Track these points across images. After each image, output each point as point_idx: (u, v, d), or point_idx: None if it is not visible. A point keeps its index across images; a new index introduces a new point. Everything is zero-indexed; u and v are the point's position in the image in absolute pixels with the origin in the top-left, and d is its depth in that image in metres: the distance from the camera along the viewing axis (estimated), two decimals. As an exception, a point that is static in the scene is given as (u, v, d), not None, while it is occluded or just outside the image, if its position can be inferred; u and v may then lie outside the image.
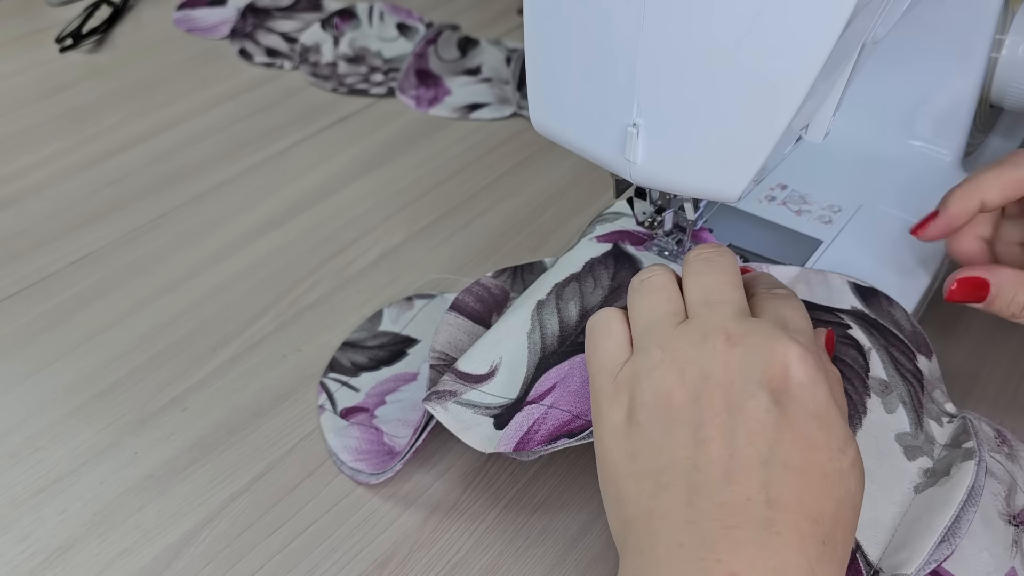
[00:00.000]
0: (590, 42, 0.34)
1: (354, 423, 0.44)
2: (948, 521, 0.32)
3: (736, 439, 0.29)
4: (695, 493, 0.28)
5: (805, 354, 0.30)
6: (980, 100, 0.49)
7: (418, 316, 0.51)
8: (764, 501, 0.27)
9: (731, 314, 0.31)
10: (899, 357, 0.38)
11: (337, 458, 0.43)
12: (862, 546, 0.33)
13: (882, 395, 0.36)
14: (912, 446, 0.36)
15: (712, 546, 0.27)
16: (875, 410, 0.36)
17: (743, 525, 0.27)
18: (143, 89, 0.78)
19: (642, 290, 0.34)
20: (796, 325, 0.32)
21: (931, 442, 0.36)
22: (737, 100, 0.31)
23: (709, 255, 0.34)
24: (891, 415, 0.36)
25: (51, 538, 0.40)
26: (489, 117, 0.71)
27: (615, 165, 0.36)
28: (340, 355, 0.49)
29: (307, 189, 0.64)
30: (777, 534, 0.27)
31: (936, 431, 0.37)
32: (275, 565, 0.39)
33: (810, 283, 0.41)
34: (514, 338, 0.40)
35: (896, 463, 0.35)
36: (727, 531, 0.27)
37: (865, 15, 0.31)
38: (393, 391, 0.46)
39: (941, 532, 0.32)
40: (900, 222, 0.46)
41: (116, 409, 0.47)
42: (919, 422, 0.37)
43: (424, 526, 0.40)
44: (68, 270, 0.57)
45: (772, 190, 0.48)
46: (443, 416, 0.38)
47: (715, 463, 0.28)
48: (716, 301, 0.32)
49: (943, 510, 0.32)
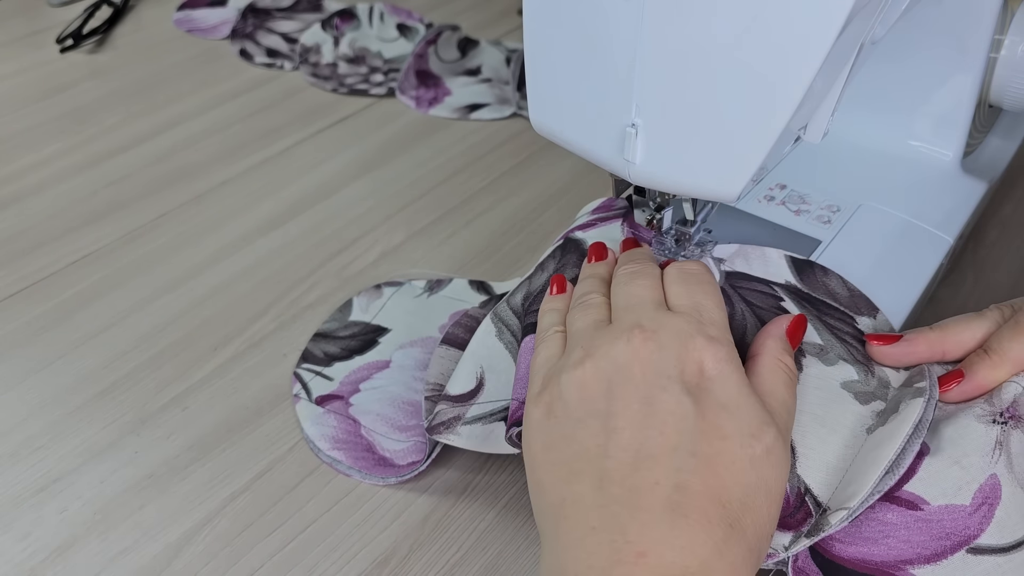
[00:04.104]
0: (589, 43, 0.34)
1: (330, 411, 0.45)
2: (892, 455, 0.32)
3: (646, 429, 0.30)
4: (605, 479, 0.29)
5: (716, 346, 0.32)
6: (979, 100, 0.49)
7: (387, 304, 0.52)
8: (672, 486, 0.29)
9: (647, 312, 0.33)
10: (834, 324, 0.39)
11: (314, 445, 0.44)
12: (811, 489, 0.33)
13: (819, 355, 0.37)
14: (863, 392, 0.36)
15: (622, 528, 0.28)
16: (812, 365, 0.36)
17: (651, 508, 0.28)
18: (143, 89, 0.78)
19: (577, 306, 0.36)
20: (710, 316, 0.33)
21: (885, 386, 0.37)
22: (736, 100, 0.32)
23: (634, 270, 0.36)
24: (831, 367, 0.37)
25: (51, 537, 0.41)
26: (489, 117, 0.72)
27: (614, 165, 0.36)
28: (312, 346, 0.49)
29: (307, 189, 0.64)
30: (684, 516, 0.28)
31: (892, 376, 0.37)
32: (275, 564, 0.39)
33: (748, 257, 0.42)
34: (485, 345, 0.41)
35: (848, 407, 0.35)
36: (636, 514, 0.28)
37: (864, 15, 0.31)
38: (366, 379, 0.47)
39: (886, 465, 0.32)
40: (899, 222, 0.46)
41: (116, 408, 0.47)
42: (869, 371, 0.37)
43: (424, 525, 0.40)
44: (68, 270, 0.57)
45: (771, 190, 0.48)
46: (458, 441, 0.39)
47: (625, 451, 0.30)
48: (635, 304, 0.34)
49: (888, 444, 0.33)
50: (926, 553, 0.31)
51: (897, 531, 0.32)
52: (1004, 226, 0.57)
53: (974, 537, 0.31)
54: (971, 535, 0.31)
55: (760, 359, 0.34)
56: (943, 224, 0.47)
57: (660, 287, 0.36)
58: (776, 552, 0.32)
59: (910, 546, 0.31)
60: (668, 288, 0.35)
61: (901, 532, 0.32)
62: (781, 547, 0.32)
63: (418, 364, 0.47)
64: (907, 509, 0.32)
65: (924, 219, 0.47)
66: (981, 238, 0.55)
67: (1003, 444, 0.33)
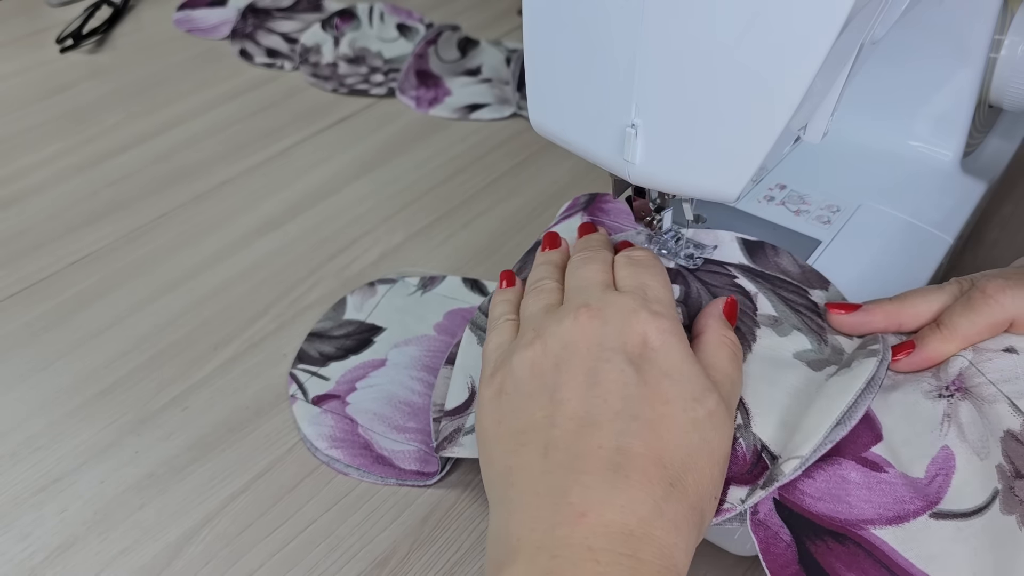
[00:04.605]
0: (589, 43, 0.34)
1: (327, 410, 0.45)
2: (844, 407, 0.33)
3: (591, 398, 0.31)
4: (551, 447, 0.30)
5: (659, 320, 0.33)
6: (979, 100, 0.49)
7: (381, 303, 0.52)
8: (614, 449, 0.30)
9: (595, 293, 0.34)
10: (789, 296, 0.39)
11: (312, 445, 0.44)
12: (767, 445, 0.33)
13: (773, 326, 0.38)
14: (817, 360, 0.36)
15: (565, 491, 0.29)
16: (765, 336, 0.37)
17: (594, 471, 0.29)
18: (143, 89, 0.78)
19: (530, 292, 0.38)
20: (655, 294, 0.35)
21: (839, 352, 0.37)
22: (735, 100, 0.32)
23: (586, 256, 0.38)
24: (784, 337, 0.37)
25: (52, 537, 0.41)
26: (489, 117, 0.72)
27: (614, 165, 0.36)
28: (308, 346, 0.50)
29: (307, 189, 0.64)
30: (625, 476, 0.29)
31: (845, 343, 0.38)
32: (275, 564, 0.39)
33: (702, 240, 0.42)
34: (470, 356, 0.42)
35: (801, 372, 0.36)
36: (578, 477, 0.29)
37: (864, 15, 0.31)
38: (362, 378, 0.47)
39: (837, 416, 0.32)
40: (899, 222, 0.46)
41: (116, 408, 0.47)
42: (823, 339, 0.37)
43: (423, 525, 0.40)
44: (69, 270, 0.57)
45: (771, 190, 0.48)
46: (462, 452, 0.39)
47: (571, 419, 0.31)
48: (584, 287, 0.35)
49: (840, 397, 0.33)
50: (888, 515, 0.32)
51: (859, 490, 0.32)
52: (1004, 226, 0.57)
53: (935, 503, 0.32)
54: (932, 501, 0.32)
55: (704, 335, 0.35)
56: (943, 224, 0.47)
57: (610, 271, 0.37)
58: (733, 507, 0.32)
59: (871, 506, 0.32)
60: (616, 272, 0.37)
61: (863, 492, 0.32)
62: (738, 501, 0.32)
63: (413, 363, 0.47)
64: (871, 470, 0.33)
65: (924, 219, 0.47)
66: (981, 238, 0.55)
67: (951, 416, 0.34)
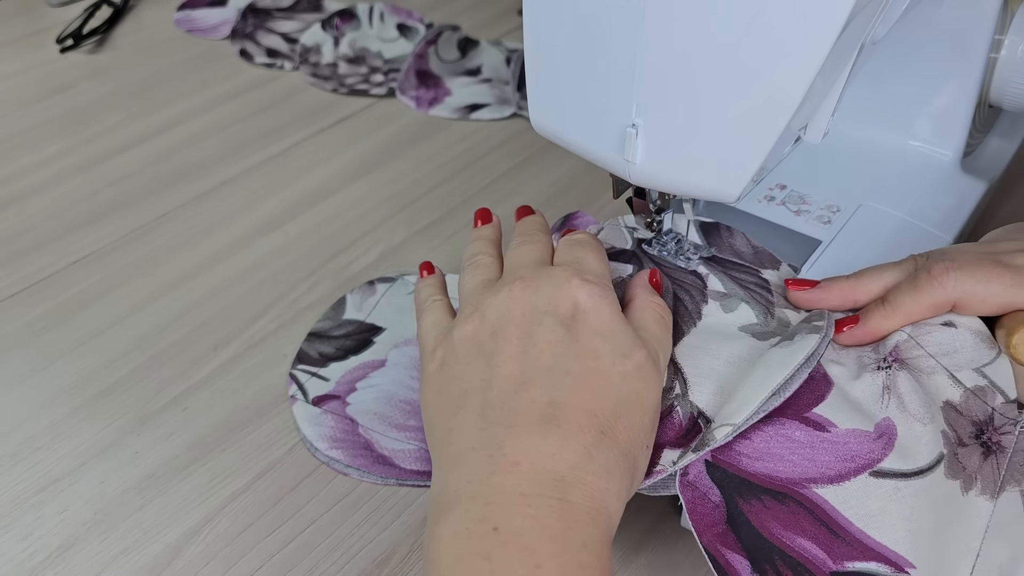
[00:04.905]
0: (589, 43, 0.34)
1: (327, 411, 0.45)
2: (782, 379, 0.33)
3: (526, 359, 0.32)
4: (487, 406, 0.32)
5: (590, 286, 0.34)
6: (979, 100, 0.49)
7: (381, 302, 0.52)
8: (547, 402, 0.31)
9: (530, 268, 0.36)
10: (739, 276, 0.40)
11: (312, 446, 0.44)
12: (704, 412, 0.34)
13: (720, 301, 0.38)
14: (763, 332, 0.37)
15: (499, 443, 0.30)
16: (712, 314, 0.38)
17: (526, 423, 0.30)
18: (143, 89, 0.78)
19: (467, 267, 0.39)
20: (590, 267, 0.36)
21: (785, 325, 0.38)
22: (736, 100, 0.32)
23: (523, 239, 0.39)
24: (730, 313, 0.38)
25: (52, 537, 0.41)
26: (489, 118, 0.72)
27: (614, 165, 0.36)
28: (307, 346, 0.49)
29: (307, 189, 0.64)
30: (557, 426, 0.30)
31: (792, 316, 0.38)
32: (275, 564, 0.39)
33: None
34: None
35: (744, 342, 0.36)
36: (512, 430, 0.30)
37: (864, 15, 0.31)
38: (363, 378, 0.47)
39: (773, 387, 0.33)
40: (899, 222, 0.46)
41: (117, 408, 0.47)
42: (769, 312, 0.38)
43: (424, 525, 0.40)
44: (69, 270, 0.57)
45: (771, 190, 0.48)
46: None
47: (507, 379, 0.32)
48: (520, 264, 0.37)
49: (779, 370, 0.33)
50: (830, 473, 0.32)
51: (803, 449, 0.33)
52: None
53: (877, 461, 0.32)
54: (875, 459, 0.32)
55: (633, 302, 0.36)
56: (943, 224, 0.47)
57: (548, 251, 0.38)
58: (664, 468, 0.33)
59: (814, 465, 0.32)
60: (556, 254, 0.38)
61: (806, 451, 0.32)
62: (669, 463, 0.33)
63: (413, 362, 0.47)
64: (814, 429, 0.33)
65: (924, 219, 0.47)
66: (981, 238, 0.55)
67: (890, 388, 0.34)
